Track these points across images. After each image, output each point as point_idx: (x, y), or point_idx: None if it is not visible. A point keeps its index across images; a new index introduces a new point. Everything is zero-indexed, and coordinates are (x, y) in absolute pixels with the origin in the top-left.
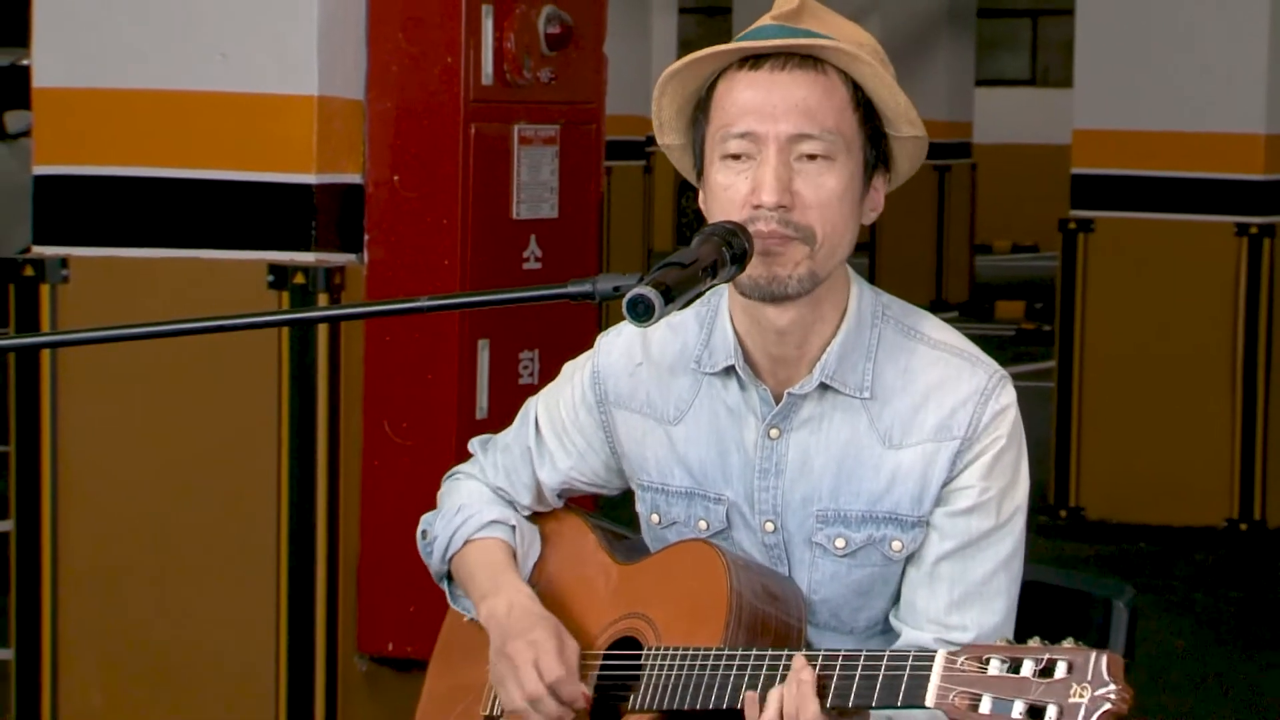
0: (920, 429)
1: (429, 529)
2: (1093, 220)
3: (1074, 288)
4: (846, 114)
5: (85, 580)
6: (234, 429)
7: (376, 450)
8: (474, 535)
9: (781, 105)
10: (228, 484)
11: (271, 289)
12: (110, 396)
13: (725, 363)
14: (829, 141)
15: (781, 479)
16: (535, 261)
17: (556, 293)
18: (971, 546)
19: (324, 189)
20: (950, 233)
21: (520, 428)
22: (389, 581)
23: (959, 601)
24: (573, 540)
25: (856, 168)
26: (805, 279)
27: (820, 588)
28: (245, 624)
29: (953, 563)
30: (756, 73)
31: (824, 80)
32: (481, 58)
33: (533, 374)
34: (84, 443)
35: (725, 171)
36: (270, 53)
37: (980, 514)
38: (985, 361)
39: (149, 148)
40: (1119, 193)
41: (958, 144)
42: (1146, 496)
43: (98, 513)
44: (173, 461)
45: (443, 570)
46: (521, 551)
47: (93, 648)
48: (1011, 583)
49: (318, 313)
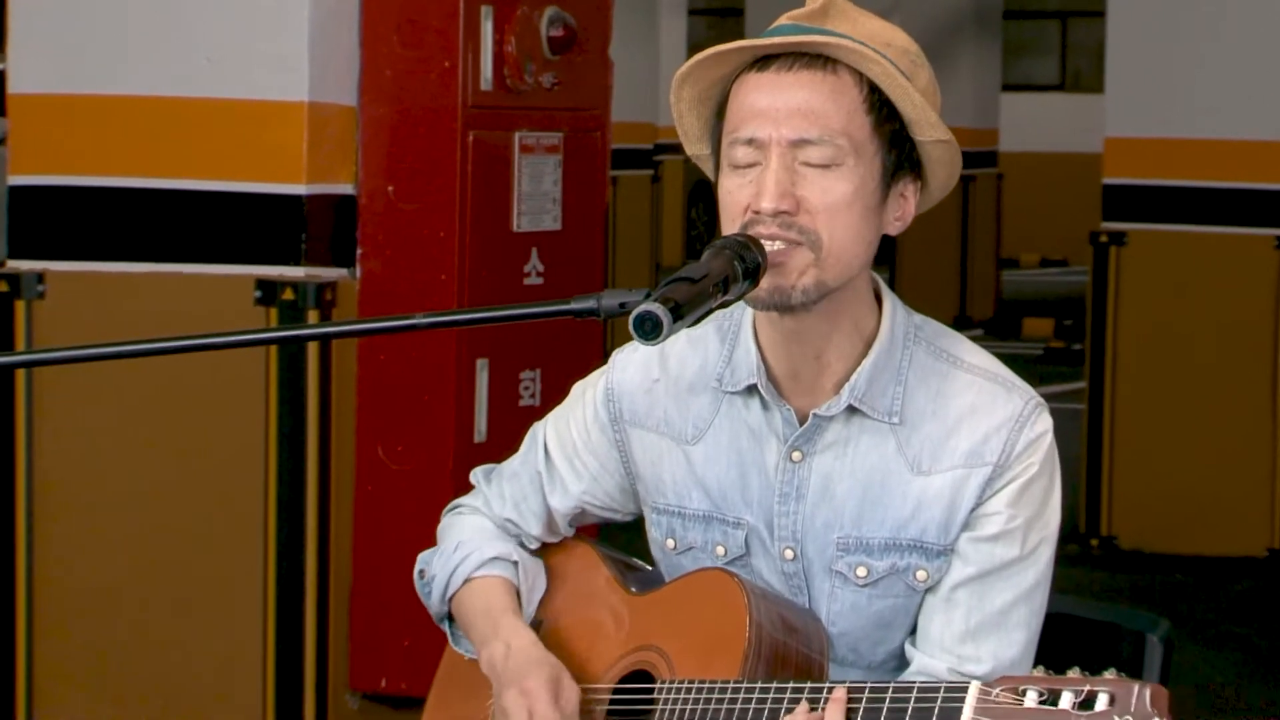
0: (951, 455)
1: (426, 568)
2: (1125, 233)
3: (1105, 304)
4: (857, 116)
5: (63, 610)
6: (219, 453)
7: (369, 475)
8: (474, 574)
9: (784, 108)
10: (212, 510)
11: (259, 305)
12: (89, 419)
13: (748, 381)
14: (835, 145)
15: (802, 504)
16: (537, 276)
17: (559, 309)
18: (992, 575)
19: (315, 200)
20: (975, 246)
21: (528, 453)
22: (383, 614)
23: (974, 630)
24: (582, 571)
25: (871, 172)
26: (811, 289)
27: (839, 619)
28: (231, 658)
29: (971, 590)
30: (764, 74)
31: (833, 81)
32: (481, 62)
33: (534, 395)
34: (61, 466)
35: (732, 177)
36: (258, 56)
37: (1005, 542)
38: (1021, 387)
39: (130, 156)
40: (1153, 204)
41: (983, 153)
42: (1182, 524)
43: (76, 539)
44: (155, 486)
45: (443, 611)
46: (525, 588)
47: (70, 680)
48: (1032, 616)
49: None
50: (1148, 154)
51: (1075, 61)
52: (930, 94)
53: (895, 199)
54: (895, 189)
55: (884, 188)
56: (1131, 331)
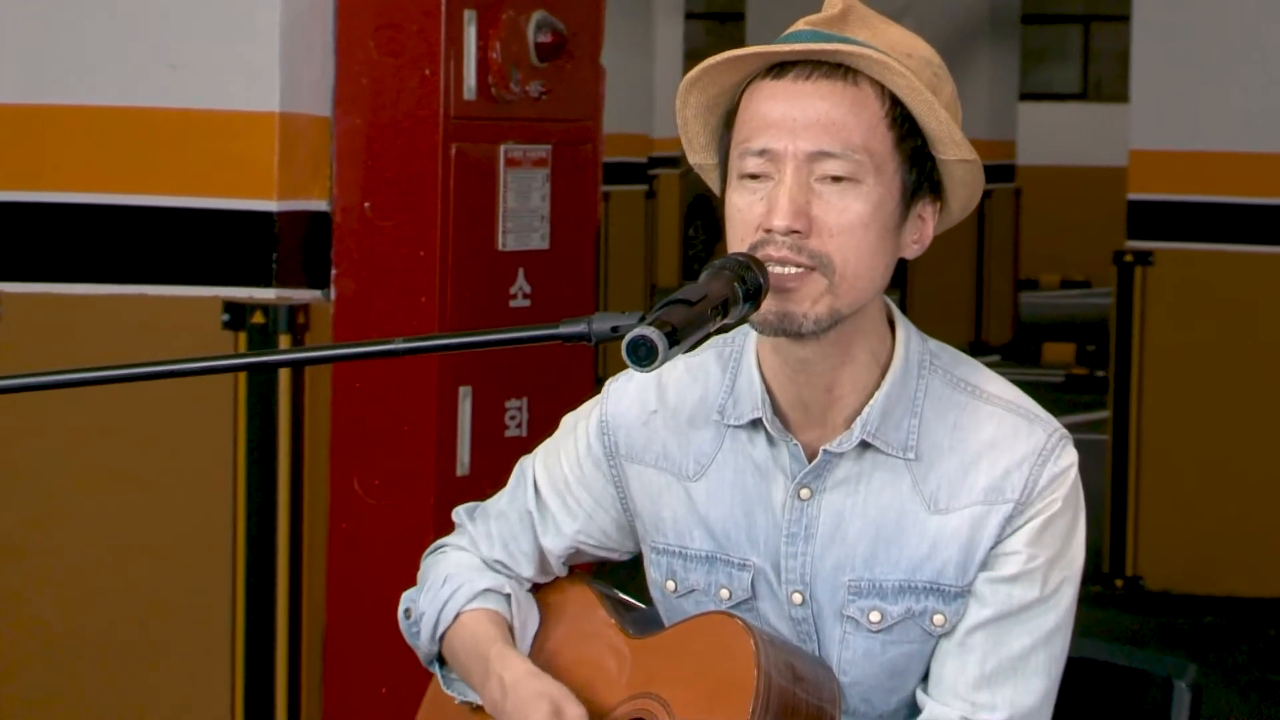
0: (970, 491)
1: (413, 606)
2: (1151, 252)
3: (1130, 328)
4: (879, 131)
5: (22, 653)
6: (185, 487)
7: (345, 511)
8: (465, 607)
9: (802, 119)
10: (178, 549)
11: (227, 329)
12: (46, 451)
13: (752, 415)
14: (854, 161)
15: (811, 544)
16: (524, 299)
17: (547, 334)
18: (1010, 618)
19: (286, 217)
20: (991, 266)
21: (516, 490)
22: (358, 659)
23: (990, 676)
24: (578, 612)
25: (890, 192)
26: (823, 318)
27: (851, 668)
28: (197, 703)
29: (987, 633)
30: (779, 82)
31: (854, 92)
32: (464, 69)
33: (520, 425)
34: (18, 500)
35: (741, 192)
36: (226, 64)
37: (1024, 583)
38: (1044, 419)
39: (89, 170)
40: (1182, 221)
41: (1000, 166)
42: (1213, 563)
43: (34, 578)
44: (116, 523)
45: (433, 651)
46: (519, 623)
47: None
48: (1052, 662)
49: (279, 356)
50: (1176, 167)
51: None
52: (953, 109)
53: (913, 220)
54: (914, 210)
55: (903, 209)
56: (1158, 357)
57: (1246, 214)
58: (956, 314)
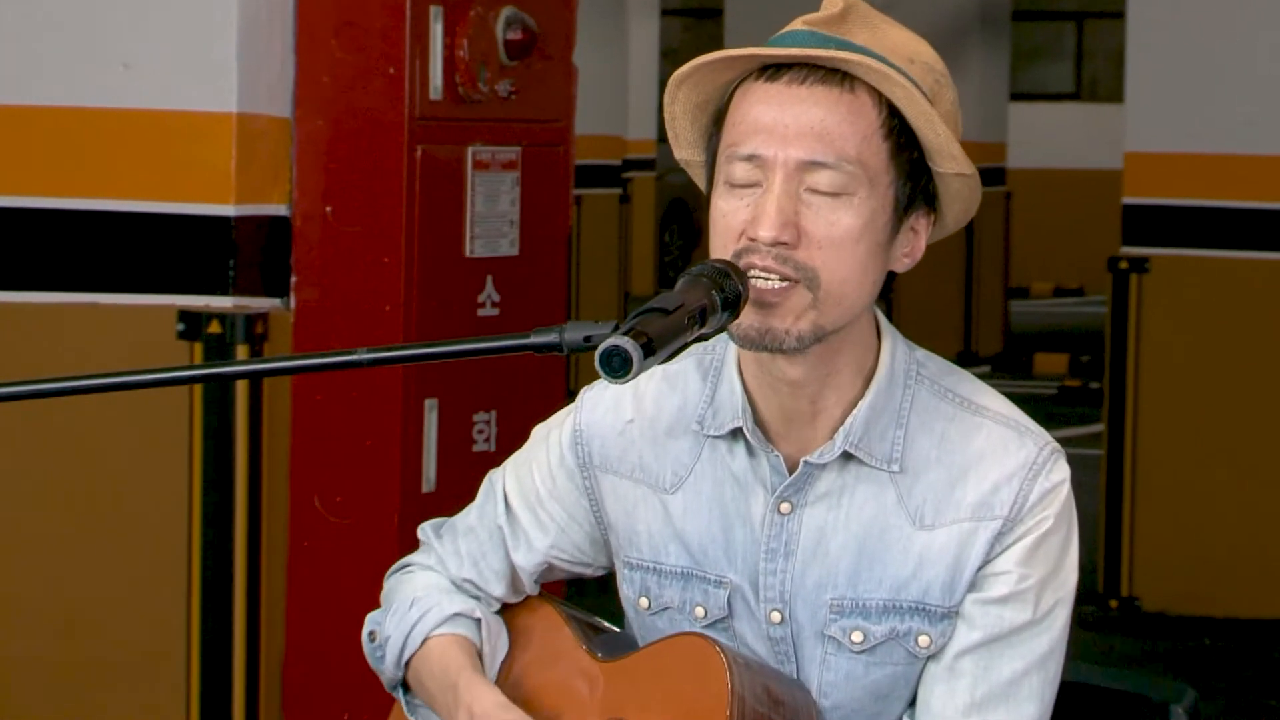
0: (957, 506)
1: (378, 629)
2: (1148, 258)
3: (1125, 338)
4: (874, 141)
5: None
6: (137, 505)
7: (305, 529)
8: (434, 632)
9: (794, 126)
10: (130, 569)
11: (182, 339)
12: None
13: (732, 424)
14: (846, 173)
15: (791, 561)
16: (492, 307)
17: (518, 344)
18: (1001, 641)
19: (244, 222)
20: (981, 273)
21: (485, 505)
22: (318, 685)
23: (981, 703)
24: (545, 635)
25: (882, 205)
26: (807, 334)
27: (833, 690)
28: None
29: (977, 657)
30: (773, 85)
31: (850, 100)
32: (429, 68)
33: (489, 439)
34: None
35: (727, 197)
36: (181, 63)
37: (1015, 605)
38: (1035, 431)
39: (38, 174)
40: (1178, 226)
41: (990, 169)
42: (1211, 584)
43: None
44: (64, 542)
45: (398, 677)
46: (489, 649)
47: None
48: (1045, 686)
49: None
50: (1172, 171)
51: (1092, 67)
52: (953, 119)
53: (905, 234)
54: (907, 223)
55: (895, 222)
56: (1155, 368)
57: (1248, 219)
58: (944, 323)
